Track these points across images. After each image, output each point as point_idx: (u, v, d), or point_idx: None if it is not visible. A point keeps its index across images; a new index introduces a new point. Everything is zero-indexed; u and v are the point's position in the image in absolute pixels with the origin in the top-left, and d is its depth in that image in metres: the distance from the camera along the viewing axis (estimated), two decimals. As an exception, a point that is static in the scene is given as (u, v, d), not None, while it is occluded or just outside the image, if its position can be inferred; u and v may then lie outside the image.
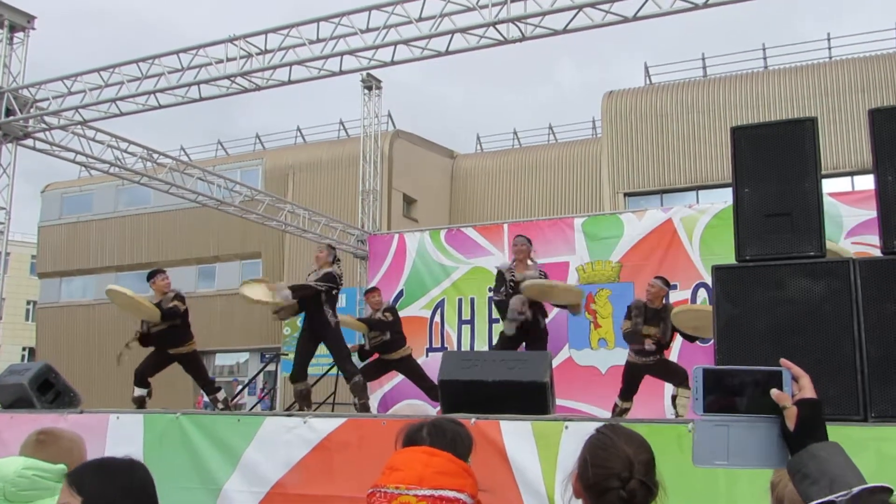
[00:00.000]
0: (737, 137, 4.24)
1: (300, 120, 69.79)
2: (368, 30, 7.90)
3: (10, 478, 2.38)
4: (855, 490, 1.14)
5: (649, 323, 7.76)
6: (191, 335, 8.36)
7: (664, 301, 7.93)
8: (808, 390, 1.33)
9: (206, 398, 21.18)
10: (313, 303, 8.05)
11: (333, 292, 8.16)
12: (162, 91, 8.77)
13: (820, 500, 1.14)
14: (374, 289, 9.66)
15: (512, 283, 7.66)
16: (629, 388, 8.04)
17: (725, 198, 9.83)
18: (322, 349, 8.43)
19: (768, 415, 1.32)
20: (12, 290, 32.41)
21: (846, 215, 9.89)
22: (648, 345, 7.71)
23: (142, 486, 1.86)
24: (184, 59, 8.64)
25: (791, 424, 1.29)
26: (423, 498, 1.87)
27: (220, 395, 8.71)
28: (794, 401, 1.31)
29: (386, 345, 8.99)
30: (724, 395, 1.33)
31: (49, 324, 27.33)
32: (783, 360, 1.37)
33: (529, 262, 7.86)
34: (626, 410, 8.02)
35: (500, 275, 7.85)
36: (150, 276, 8.30)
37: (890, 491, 1.22)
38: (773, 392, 1.31)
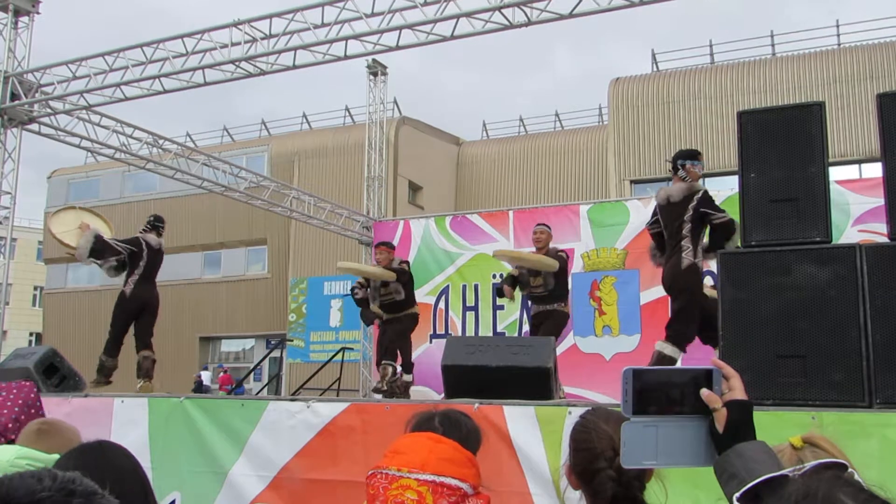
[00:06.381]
0: (743, 122, 4.21)
1: (306, 106, 69.86)
2: (373, 14, 7.84)
3: (3, 467, 2.32)
4: (808, 465, 1.13)
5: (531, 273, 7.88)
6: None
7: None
8: (738, 391, 1.31)
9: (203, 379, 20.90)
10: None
11: (137, 260, 8.22)
12: (166, 76, 8.73)
13: (774, 474, 1.11)
14: (386, 244, 9.16)
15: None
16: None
17: (732, 185, 9.78)
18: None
19: (698, 414, 1.30)
20: (19, 276, 32.61)
21: (854, 203, 9.84)
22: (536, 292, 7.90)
23: (96, 468, 1.85)
24: (188, 43, 8.59)
25: (720, 426, 1.27)
26: (424, 483, 1.83)
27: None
28: (723, 402, 1.29)
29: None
30: (652, 395, 1.30)
31: (55, 309, 27.45)
32: (714, 360, 1.34)
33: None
34: None
35: None
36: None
37: (844, 467, 1.20)
38: (703, 392, 1.29)
